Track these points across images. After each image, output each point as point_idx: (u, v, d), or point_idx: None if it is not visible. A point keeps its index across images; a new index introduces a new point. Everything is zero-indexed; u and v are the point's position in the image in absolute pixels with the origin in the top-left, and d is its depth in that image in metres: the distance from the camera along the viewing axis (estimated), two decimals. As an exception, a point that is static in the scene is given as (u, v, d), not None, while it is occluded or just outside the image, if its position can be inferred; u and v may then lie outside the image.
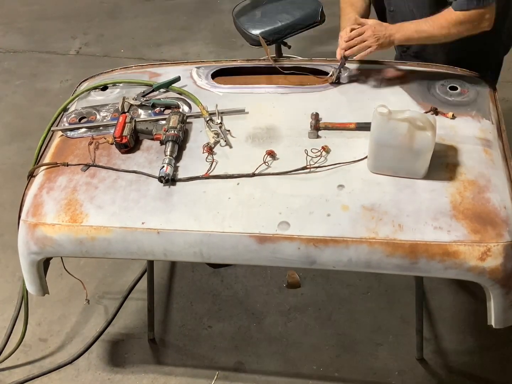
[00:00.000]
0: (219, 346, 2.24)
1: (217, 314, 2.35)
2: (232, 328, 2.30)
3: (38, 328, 2.35)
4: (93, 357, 2.24)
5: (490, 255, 1.39)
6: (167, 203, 1.54)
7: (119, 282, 2.50)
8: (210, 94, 1.87)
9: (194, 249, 1.50)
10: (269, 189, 1.54)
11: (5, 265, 2.61)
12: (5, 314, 2.37)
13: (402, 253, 1.42)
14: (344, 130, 1.68)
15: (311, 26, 2.78)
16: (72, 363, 2.23)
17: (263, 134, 1.71)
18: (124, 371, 2.19)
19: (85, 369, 2.21)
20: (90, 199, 1.58)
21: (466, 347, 2.17)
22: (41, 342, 2.30)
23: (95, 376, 2.18)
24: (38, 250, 1.60)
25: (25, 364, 2.23)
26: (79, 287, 2.43)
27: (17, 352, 2.24)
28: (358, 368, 2.14)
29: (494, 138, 1.64)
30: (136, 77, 1.99)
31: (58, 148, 1.77)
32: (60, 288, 2.48)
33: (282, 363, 2.17)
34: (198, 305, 2.39)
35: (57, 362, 2.23)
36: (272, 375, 2.14)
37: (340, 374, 2.13)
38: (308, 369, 2.15)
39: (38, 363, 2.23)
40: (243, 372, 2.16)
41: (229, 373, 2.16)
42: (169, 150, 1.62)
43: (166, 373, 2.17)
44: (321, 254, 1.45)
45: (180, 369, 2.18)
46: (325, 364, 2.16)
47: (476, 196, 1.47)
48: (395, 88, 1.82)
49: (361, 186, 1.52)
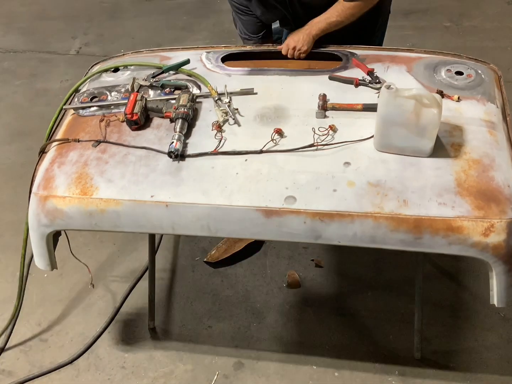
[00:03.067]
0: (219, 346, 2.24)
1: (217, 314, 2.35)
2: (232, 328, 2.29)
3: (38, 328, 2.35)
4: (93, 357, 2.24)
5: (493, 231, 1.41)
6: (176, 178, 1.57)
7: (119, 282, 2.50)
8: (219, 76, 1.91)
9: (202, 223, 1.53)
10: (276, 165, 1.57)
11: (5, 265, 2.61)
12: (5, 314, 2.36)
13: (407, 228, 1.44)
14: (351, 110, 1.71)
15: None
16: (72, 363, 2.22)
17: (271, 113, 1.74)
18: (124, 371, 2.19)
19: (85, 369, 2.20)
20: (101, 173, 1.61)
21: (466, 347, 2.16)
22: (41, 342, 2.30)
23: (95, 376, 2.18)
24: (48, 223, 1.62)
25: (25, 364, 2.23)
26: (79, 287, 2.48)
27: (17, 352, 2.26)
28: (358, 368, 2.13)
29: (498, 121, 1.66)
30: (147, 60, 2.03)
31: (69, 125, 1.81)
32: (60, 288, 2.49)
33: (282, 363, 2.17)
34: (198, 305, 2.38)
35: (57, 362, 2.22)
36: (272, 375, 2.14)
37: (340, 374, 2.12)
38: (308, 369, 2.15)
39: (38, 363, 2.23)
40: (243, 372, 2.15)
41: (229, 373, 2.15)
42: (179, 127, 1.65)
43: (166, 373, 2.17)
44: (326, 228, 1.47)
45: (180, 369, 2.18)
46: (325, 364, 2.16)
47: (481, 175, 1.50)
48: (402, 72, 1.85)
49: (367, 164, 1.55)
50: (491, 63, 1.91)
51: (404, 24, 4.08)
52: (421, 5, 4.28)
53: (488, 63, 1.90)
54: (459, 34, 3.99)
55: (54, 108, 1.91)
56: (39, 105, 3.60)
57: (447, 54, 1.93)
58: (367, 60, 1.91)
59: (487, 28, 4.02)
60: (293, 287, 2.41)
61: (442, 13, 4.20)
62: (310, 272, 2.46)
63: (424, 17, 4.15)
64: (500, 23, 4.05)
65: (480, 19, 4.11)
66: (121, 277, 2.52)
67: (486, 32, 3.98)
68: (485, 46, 3.82)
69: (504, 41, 3.86)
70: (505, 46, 3.82)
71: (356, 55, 1.94)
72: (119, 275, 2.53)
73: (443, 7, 4.27)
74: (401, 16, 4.16)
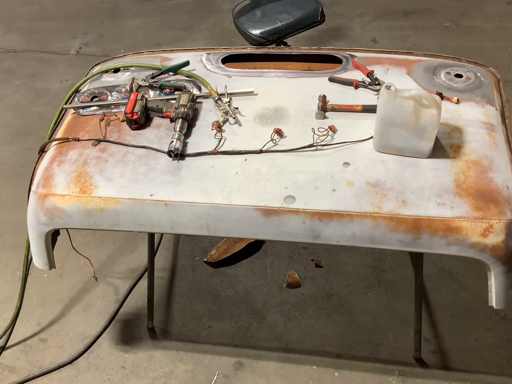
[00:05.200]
0: (219, 346, 2.24)
1: (217, 314, 2.35)
2: (232, 328, 2.30)
3: (38, 328, 2.35)
4: (93, 357, 2.24)
5: (492, 231, 1.41)
6: (176, 177, 1.57)
7: (119, 282, 2.51)
8: (219, 77, 1.91)
9: (201, 222, 1.53)
10: (275, 165, 1.57)
11: (5, 265, 2.62)
12: (5, 314, 2.37)
13: (406, 228, 1.44)
14: (351, 112, 1.71)
15: (311, 26, 2.78)
16: (72, 363, 2.23)
17: (271, 114, 1.74)
18: (124, 371, 2.19)
19: (85, 369, 2.21)
20: (100, 172, 1.61)
21: (466, 347, 2.17)
22: (41, 342, 2.31)
23: (95, 376, 2.18)
24: (47, 221, 1.62)
25: (25, 364, 2.23)
26: (79, 287, 2.48)
27: (17, 352, 2.26)
28: (358, 368, 2.14)
29: (497, 123, 1.67)
30: (147, 61, 2.03)
31: (69, 125, 1.81)
32: (60, 288, 2.49)
33: (282, 363, 2.17)
34: (198, 305, 2.39)
35: (57, 362, 2.23)
36: (272, 375, 2.14)
37: (340, 374, 2.13)
38: (308, 369, 2.15)
39: (38, 363, 2.23)
40: (243, 372, 2.16)
41: (229, 373, 2.16)
42: (179, 126, 1.66)
43: (166, 373, 2.17)
44: (325, 228, 1.48)
45: (180, 369, 2.18)
46: (325, 364, 2.16)
47: (479, 176, 1.50)
48: (401, 74, 1.85)
49: (366, 164, 1.55)
50: (490, 65, 1.91)
51: (404, 24, 4.08)
52: (421, 5, 4.28)
53: (487, 66, 1.90)
54: (459, 34, 3.99)
55: (54, 108, 1.91)
56: (39, 105, 3.61)
57: (447, 57, 1.93)
58: (366, 62, 1.91)
59: (487, 28, 4.03)
60: (293, 287, 2.42)
61: (442, 13, 4.21)
62: (310, 272, 2.47)
63: (424, 17, 4.15)
64: (500, 23, 4.06)
65: (480, 19, 4.12)
66: (121, 277, 2.52)
67: (486, 32, 3.98)
68: (485, 46, 3.83)
69: (504, 41, 3.86)
70: (505, 46, 3.83)
71: (356, 57, 1.94)
72: (119, 275, 2.53)
73: (443, 7, 4.27)
74: (401, 16, 4.17)
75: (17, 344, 2.29)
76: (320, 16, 2.76)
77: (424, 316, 2.10)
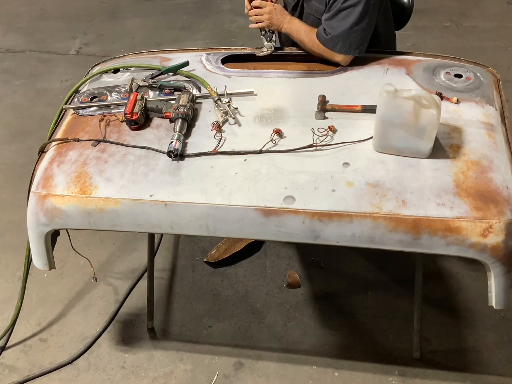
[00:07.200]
0: (219, 346, 2.24)
1: (217, 314, 2.34)
2: (232, 328, 2.29)
3: (38, 328, 2.34)
4: (93, 357, 2.23)
5: (491, 231, 1.41)
6: (175, 177, 1.57)
7: (119, 282, 2.50)
8: (219, 77, 1.91)
9: (200, 222, 1.53)
10: (275, 165, 1.57)
11: (5, 265, 2.61)
12: (5, 314, 2.37)
13: (405, 228, 1.44)
14: (351, 112, 1.72)
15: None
16: (72, 363, 2.22)
17: (270, 114, 1.74)
18: (124, 371, 2.18)
19: (85, 369, 2.20)
20: (100, 172, 1.61)
21: (466, 347, 2.16)
22: (41, 342, 2.30)
23: (95, 376, 2.17)
24: (47, 222, 1.62)
25: (25, 364, 2.23)
26: (79, 287, 2.48)
27: (17, 352, 2.26)
28: (358, 368, 2.13)
29: (497, 123, 1.67)
30: (147, 62, 2.03)
31: (69, 125, 1.81)
32: (60, 288, 2.49)
33: (282, 363, 2.17)
34: (198, 305, 2.38)
35: (57, 362, 2.22)
36: (272, 375, 2.14)
37: (340, 374, 2.12)
38: (308, 369, 2.15)
39: (38, 363, 2.22)
40: (243, 372, 2.15)
41: (229, 373, 2.15)
42: (178, 126, 1.66)
43: (166, 373, 2.17)
44: (325, 228, 1.47)
45: (180, 369, 2.18)
46: (325, 364, 2.15)
47: (479, 176, 1.50)
48: (401, 74, 1.85)
49: (366, 164, 1.55)
50: (490, 65, 1.92)
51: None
52: (421, 5, 4.27)
53: (487, 66, 1.90)
54: (459, 34, 3.99)
55: (54, 108, 1.91)
56: (39, 105, 3.60)
57: (446, 57, 1.94)
58: (366, 62, 1.91)
59: (487, 28, 4.03)
60: (293, 287, 2.42)
61: (442, 13, 4.21)
62: (310, 272, 2.47)
63: (424, 17, 4.15)
64: (500, 23, 4.06)
65: (480, 19, 4.12)
66: (121, 277, 2.52)
67: (486, 32, 3.98)
68: (485, 46, 3.83)
69: (504, 41, 3.86)
70: (505, 46, 3.83)
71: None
72: (119, 275, 2.53)
73: (443, 7, 4.27)
74: (401, 16, 4.16)
75: (17, 344, 2.28)
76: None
77: (424, 316, 2.10)
